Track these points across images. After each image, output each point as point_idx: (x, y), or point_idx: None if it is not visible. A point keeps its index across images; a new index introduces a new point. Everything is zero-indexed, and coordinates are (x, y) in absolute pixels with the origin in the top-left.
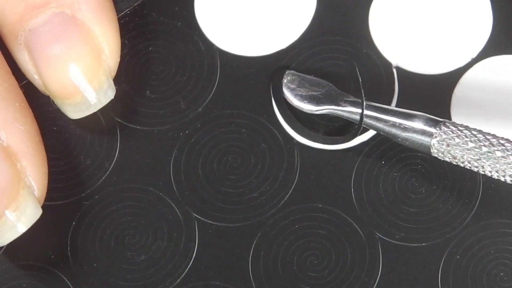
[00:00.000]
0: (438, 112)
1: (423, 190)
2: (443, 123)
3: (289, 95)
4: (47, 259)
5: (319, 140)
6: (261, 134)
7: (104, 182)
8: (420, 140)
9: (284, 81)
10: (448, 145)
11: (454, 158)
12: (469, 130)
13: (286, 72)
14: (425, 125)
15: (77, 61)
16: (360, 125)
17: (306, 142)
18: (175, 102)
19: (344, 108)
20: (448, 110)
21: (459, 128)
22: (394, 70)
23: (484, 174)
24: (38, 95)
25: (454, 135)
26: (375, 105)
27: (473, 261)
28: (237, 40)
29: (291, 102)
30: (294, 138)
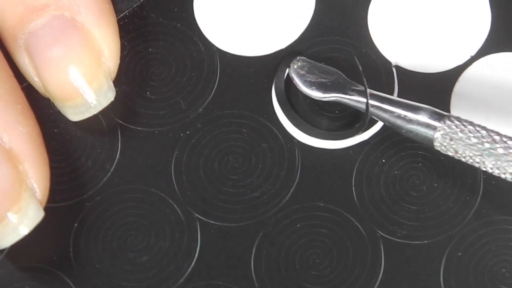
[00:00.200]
0: None
1: (424, 188)
2: (448, 117)
3: (297, 81)
4: (50, 261)
5: (323, 137)
6: (261, 133)
7: (105, 184)
8: (424, 132)
9: (294, 66)
10: (451, 139)
11: (456, 152)
12: (473, 126)
13: (297, 58)
14: (429, 118)
15: (76, 63)
16: (367, 115)
17: (307, 141)
18: (176, 103)
19: (351, 97)
20: (447, 108)
21: (463, 123)
22: (394, 69)
23: (485, 171)
24: (38, 97)
25: (458, 130)
26: (382, 95)
27: (475, 258)
28: (236, 40)
29: (299, 88)
30: (295, 138)
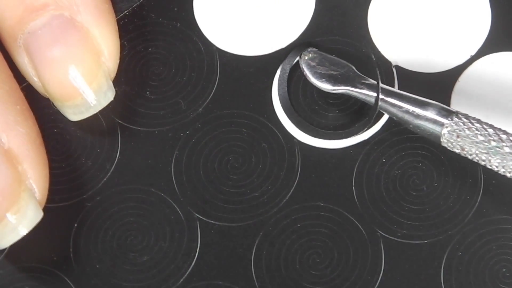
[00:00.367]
0: None
1: (424, 188)
2: (456, 114)
3: (307, 72)
4: (50, 261)
5: (324, 136)
6: (261, 133)
7: (105, 184)
8: (431, 128)
9: (305, 58)
10: (458, 136)
11: (463, 149)
12: (481, 124)
13: (308, 49)
14: (437, 114)
15: (76, 63)
16: (376, 108)
17: (307, 141)
18: (176, 103)
19: (361, 90)
20: None
21: (471, 121)
22: (394, 69)
23: (491, 169)
24: (38, 97)
25: (465, 127)
26: (391, 89)
27: (475, 257)
28: (236, 40)
29: (309, 79)
30: (295, 138)
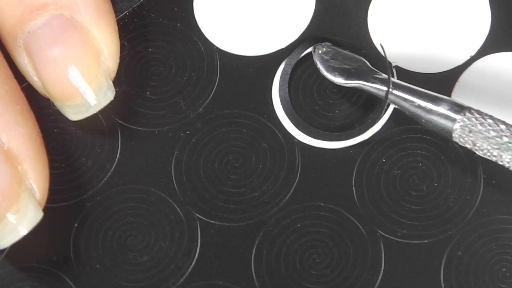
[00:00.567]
0: None
1: (424, 188)
2: (469, 109)
3: (320, 66)
4: (50, 261)
5: (325, 138)
6: (261, 133)
7: (105, 184)
8: (443, 123)
9: (319, 52)
10: (470, 131)
11: (474, 144)
12: (493, 120)
13: (322, 43)
14: (449, 109)
15: (76, 63)
16: (385, 102)
17: (307, 141)
18: (176, 103)
19: (373, 85)
20: None
21: (484, 116)
22: (394, 69)
23: (502, 165)
24: (38, 97)
25: (477, 122)
26: (403, 84)
27: (475, 257)
28: (236, 40)
29: (322, 73)
30: (295, 137)
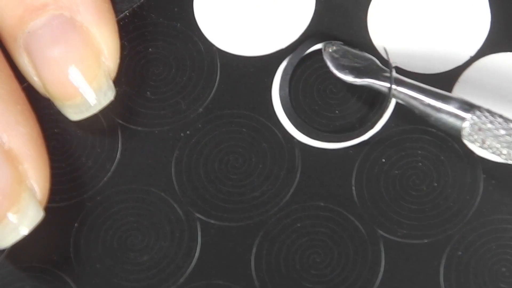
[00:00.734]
0: None
1: (424, 188)
2: (478, 108)
3: (330, 64)
4: (50, 260)
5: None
6: (261, 133)
7: (106, 184)
8: (452, 122)
9: (329, 50)
10: (480, 129)
11: (483, 143)
12: (503, 118)
13: (332, 42)
14: (459, 108)
15: (76, 62)
16: (389, 97)
17: (307, 141)
18: (176, 103)
19: (382, 83)
20: None
21: (493, 115)
22: (393, 70)
23: None
24: (38, 97)
25: (487, 120)
26: (413, 83)
27: (475, 257)
28: (236, 40)
29: (332, 71)
30: (295, 138)
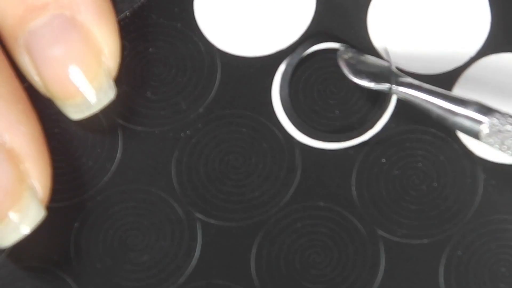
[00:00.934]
0: None
1: (424, 188)
2: (497, 110)
3: (346, 70)
4: (51, 260)
5: (327, 139)
6: (261, 133)
7: (106, 183)
8: (470, 125)
9: (345, 56)
10: (499, 131)
11: (502, 144)
12: None
13: (344, 49)
14: (477, 112)
15: (77, 62)
16: (390, 95)
17: (307, 141)
18: (176, 103)
19: (399, 88)
20: None
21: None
22: (394, 69)
23: None
24: (39, 97)
25: (507, 122)
26: (428, 87)
27: (475, 257)
28: (237, 40)
29: (348, 76)
30: (295, 138)
